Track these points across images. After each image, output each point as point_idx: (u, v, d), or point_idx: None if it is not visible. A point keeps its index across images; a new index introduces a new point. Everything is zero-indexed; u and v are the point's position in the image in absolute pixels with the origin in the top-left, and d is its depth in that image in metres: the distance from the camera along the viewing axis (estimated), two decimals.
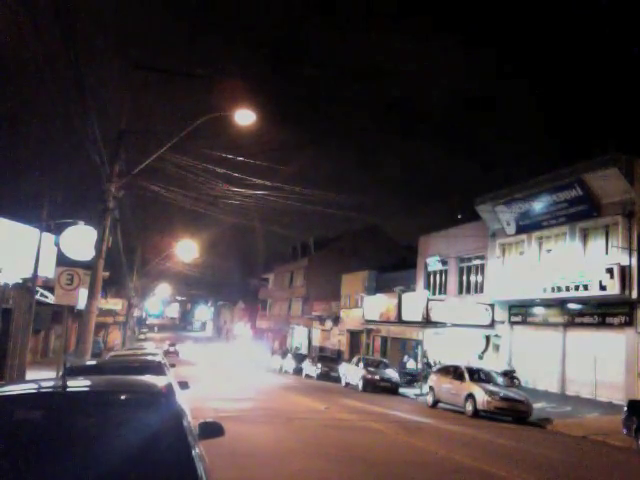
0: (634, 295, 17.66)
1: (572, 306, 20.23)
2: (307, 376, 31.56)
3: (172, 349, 44.82)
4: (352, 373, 26.05)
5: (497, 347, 24.32)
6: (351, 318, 39.31)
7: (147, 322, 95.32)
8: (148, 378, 4.90)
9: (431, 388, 19.72)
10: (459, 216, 29.58)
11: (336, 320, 43.02)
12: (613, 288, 17.82)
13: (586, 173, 19.51)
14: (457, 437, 13.07)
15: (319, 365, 30.80)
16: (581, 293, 19.03)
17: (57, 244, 15.25)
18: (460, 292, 27.55)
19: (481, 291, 25.60)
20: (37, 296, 15.43)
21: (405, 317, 27.91)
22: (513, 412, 16.71)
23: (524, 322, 22.84)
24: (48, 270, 14.70)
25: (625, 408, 13.20)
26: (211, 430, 4.35)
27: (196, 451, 3.39)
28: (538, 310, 22.00)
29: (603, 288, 18.12)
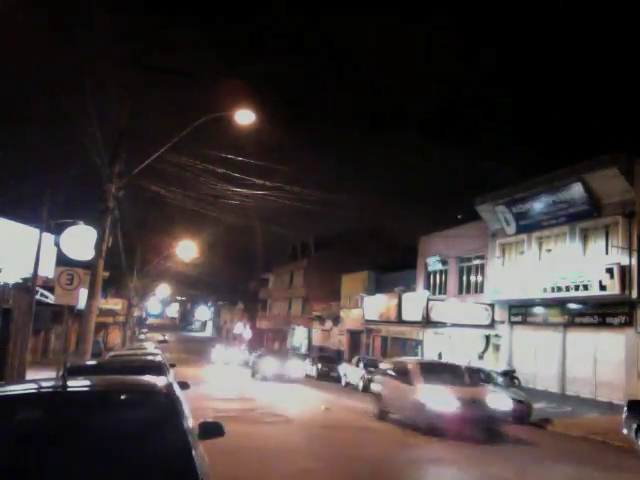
0: (634, 295, 17.65)
1: (572, 306, 20.23)
2: (307, 376, 31.52)
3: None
4: (352, 373, 26.04)
5: (497, 347, 24.32)
6: (351, 318, 39.28)
7: (147, 322, 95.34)
8: (148, 378, 4.90)
9: None
10: (459, 216, 29.57)
11: (336, 320, 42.98)
12: (613, 288, 17.81)
13: (586, 173, 19.51)
14: (457, 437, 13.06)
15: (319, 365, 30.79)
16: (581, 293, 19.02)
17: (57, 244, 15.24)
18: (460, 292, 27.55)
19: (481, 291, 25.60)
20: (37, 296, 15.41)
21: (405, 317, 27.87)
22: (513, 412, 16.67)
23: (524, 322, 22.84)
24: (48, 270, 14.69)
25: (625, 408, 13.18)
26: (211, 430, 4.34)
27: (196, 451, 3.39)
28: (538, 310, 21.99)
29: (603, 288, 18.12)
